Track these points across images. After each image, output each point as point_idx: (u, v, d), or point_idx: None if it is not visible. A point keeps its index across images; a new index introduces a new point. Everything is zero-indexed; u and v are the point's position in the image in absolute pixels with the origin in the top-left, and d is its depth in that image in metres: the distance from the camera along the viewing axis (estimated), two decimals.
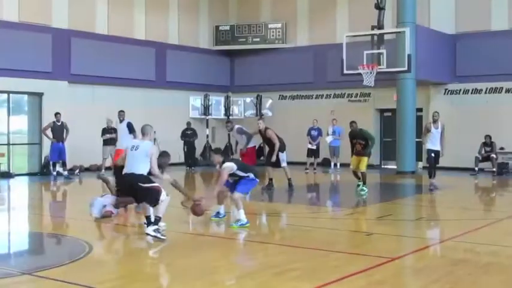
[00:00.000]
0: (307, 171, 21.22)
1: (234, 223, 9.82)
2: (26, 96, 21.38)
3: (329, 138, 22.07)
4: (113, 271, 7.21)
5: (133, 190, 9.02)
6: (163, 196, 8.84)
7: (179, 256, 7.90)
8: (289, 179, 15.16)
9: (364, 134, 14.90)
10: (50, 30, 20.94)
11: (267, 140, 15.42)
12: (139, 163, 8.91)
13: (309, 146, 21.85)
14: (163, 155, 9.91)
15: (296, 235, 9.58)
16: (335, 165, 22.30)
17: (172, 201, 13.45)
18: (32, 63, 20.14)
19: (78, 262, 7.48)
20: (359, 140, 14.69)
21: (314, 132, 22.03)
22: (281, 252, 8.16)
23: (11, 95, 20.56)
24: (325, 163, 22.84)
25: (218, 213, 10.46)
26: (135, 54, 23.40)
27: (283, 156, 15.13)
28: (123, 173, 9.09)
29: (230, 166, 9.88)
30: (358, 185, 14.69)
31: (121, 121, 16.81)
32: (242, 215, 9.79)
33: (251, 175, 10.07)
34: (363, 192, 14.37)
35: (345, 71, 18.01)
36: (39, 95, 20.63)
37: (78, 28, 21.71)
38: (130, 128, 16.21)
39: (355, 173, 15.00)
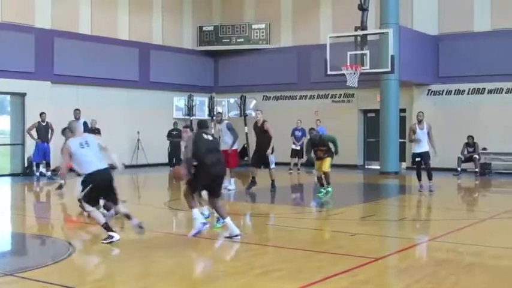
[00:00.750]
0: (291, 171, 21.27)
1: (216, 223, 9.75)
2: (8, 97, 21.26)
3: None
4: (96, 272, 7.18)
5: (107, 187, 8.69)
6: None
7: (162, 256, 7.88)
8: (272, 180, 15.11)
9: (325, 140, 14.20)
10: (32, 30, 20.80)
11: (261, 134, 14.88)
12: (102, 156, 8.70)
13: (293, 146, 21.88)
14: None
15: (280, 235, 9.60)
16: None
17: (155, 202, 13.46)
18: (14, 63, 19.99)
19: (61, 263, 7.44)
20: (320, 148, 14.05)
21: (298, 133, 22.07)
22: (265, 253, 8.17)
23: None
24: (309, 164, 22.85)
25: (201, 214, 10.41)
26: (119, 55, 23.32)
27: (272, 158, 14.96)
28: (94, 170, 8.58)
29: None
30: (321, 192, 14.10)
31: (77, 120, 16.05)
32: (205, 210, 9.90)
33: None
34: (324, 194, 13.99)
35: (329, 72, 18.09)
36: (22, 95, 20.48)
37: (61, 28, 21.58)
38: (86, 127, 15.86)
39: (319, 179, 14.34)
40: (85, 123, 15.87)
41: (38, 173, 18.80)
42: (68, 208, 13.23)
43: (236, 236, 8.69)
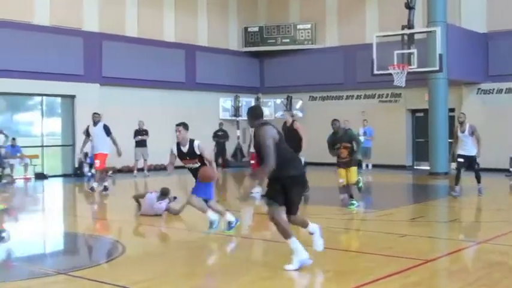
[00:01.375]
0: None
1: (227, 228, 9.16)
2: (58, 99, 21.71)
3: (360, 139, 21.91)
4: (146, 271, 7.24)
5: None
6: None
7: (212, 256, 7.92)
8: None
9: (352, 135, 12.61)
10: (81, 33, 21.21)
11: (291, 134, 13.53)
12: None
13: None
14: None
15: (327, 237, 9.48)
16: (367, 166, 22.16)
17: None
18: (64, 66, 20.43)
19: (112, 262, 7.57)
20: (344, 144, 12.35)
21: None
22: (312, 254, 8.12)
23: (44, 97, 20.91)
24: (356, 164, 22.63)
25: (211, 223, 9.14)
26: (165, 56, 23.57)
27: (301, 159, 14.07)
28: None
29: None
30: (352, 204, 12.33)
31: (95, 123, 15.32)
32: (229, 217, 9.21)
33: None
34: (352, 207, 12.23)
35: (375, 72, 17.93)
36: (72, 97, 20.89)
37: (108, 31, 21.95)
38: (107, 131, 15.58)
39: (345, 188, 12.63)
40: (106, 127, 15.31)
41: (89, 173, 19.10)
42: (117, 208, 13.44)
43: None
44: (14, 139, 19.58)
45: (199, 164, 9.00)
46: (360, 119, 22.41)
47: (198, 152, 8.93)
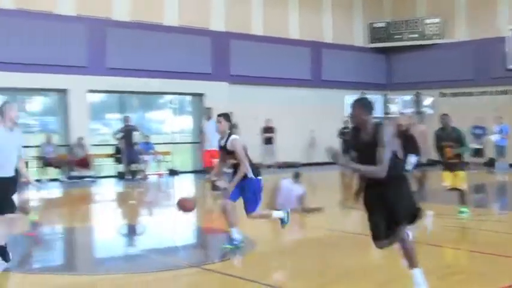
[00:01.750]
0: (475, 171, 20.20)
1: (281, 224, 8.52)
2: (188, 97, 22.44)
3: (495, 137, 21.00)
4: (276, 267, 7.34)
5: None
6: None
7: (341, 255, 7.87)
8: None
9: (459, 134, 10.91)
10: (208, 33, 21.78)
11: (405, 141, 11.15)
12: (13, 161, 7.29)
13: (472, 145, 20.86)
14: None
15: (460, 237, 9.21)
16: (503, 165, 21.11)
17: (329, 201, 13.44)
18: (193, 65, 21.06)
19: (243, 257, 7.71)
20: (449, 143, 10.73)
21: (479, 131, 21.10)
22: (444, 256, 7.87)
23: (174, 96, 21.71)
24: (491, 163, 21.66)
25: (232, 239, 8.27)
26: (291, 54, 23.72)
27: (412, 159, 11.78)
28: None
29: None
30: (462, 211, 10.80)
31: (208, 119, 15.08)
32: (278, 214, 8.57)
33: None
34: (464, 215, 10.74)
35: (510, 66, 17.12)
36: (200, 95, 21.52)
37: (235, 30, 22.39)
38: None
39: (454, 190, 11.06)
40: None
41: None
42: None
43: None
44: (147, 136, 20.46)
45: (236, 162, 8.08)
46: (493, 116, 21.40)
47: (230, 149, 8.00)
